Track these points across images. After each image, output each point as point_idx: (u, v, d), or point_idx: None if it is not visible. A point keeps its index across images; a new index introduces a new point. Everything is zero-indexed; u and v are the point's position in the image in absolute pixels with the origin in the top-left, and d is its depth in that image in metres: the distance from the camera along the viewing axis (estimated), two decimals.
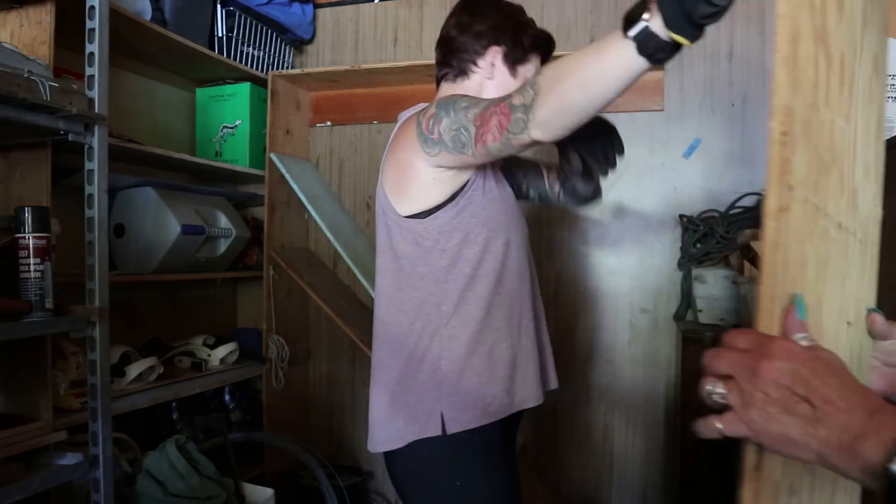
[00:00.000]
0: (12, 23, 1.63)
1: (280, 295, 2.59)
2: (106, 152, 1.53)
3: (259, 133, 2.59)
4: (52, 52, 1.61)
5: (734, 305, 2.19)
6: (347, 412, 2.83)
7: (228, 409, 2.55)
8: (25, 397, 1.56)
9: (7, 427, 1.44)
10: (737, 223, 2.22)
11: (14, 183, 1.60)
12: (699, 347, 2.17)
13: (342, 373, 2.84)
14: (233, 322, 2.90)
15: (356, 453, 2.82)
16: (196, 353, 2.39)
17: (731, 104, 2.39)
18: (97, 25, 1.48)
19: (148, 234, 2.12)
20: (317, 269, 2.70)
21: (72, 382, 1.73)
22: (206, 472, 1.78)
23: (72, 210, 1.66)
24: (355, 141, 2.78)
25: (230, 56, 2.48)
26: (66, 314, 1.45)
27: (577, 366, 2.55)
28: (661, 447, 2.48)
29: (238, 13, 2.48)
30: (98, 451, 1.50)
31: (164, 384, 2.12)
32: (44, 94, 1.34)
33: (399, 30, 2.75)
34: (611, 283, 2.52)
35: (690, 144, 2.43)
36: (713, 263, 2.24)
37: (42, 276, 1.40)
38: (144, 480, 1.70)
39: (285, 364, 2.55)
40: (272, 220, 2.54)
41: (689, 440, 2.19)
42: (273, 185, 2.53)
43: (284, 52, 2.76)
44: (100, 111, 1.49)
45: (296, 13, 2.70)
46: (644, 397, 2.49)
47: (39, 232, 1.41)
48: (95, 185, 1.51)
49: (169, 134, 2.57)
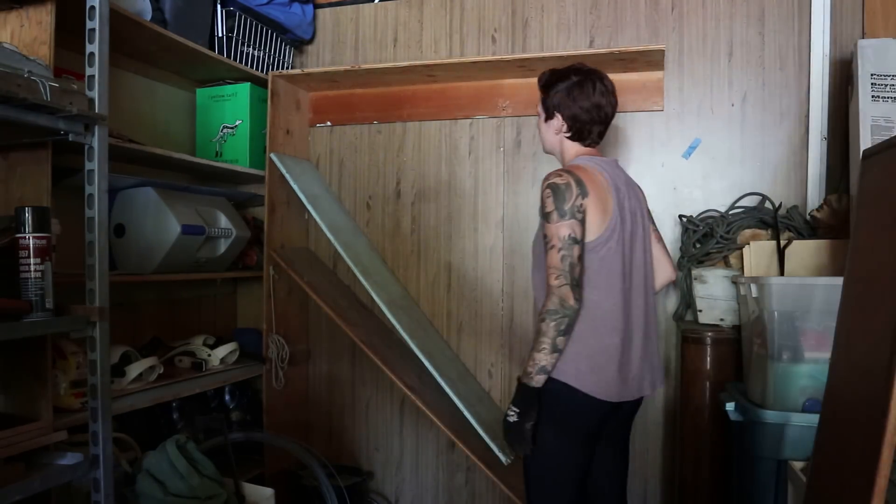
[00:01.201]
0: (12, 23, 1.63)
1: (280, 295, 2.59)
2: (106, 152, 1.53)
3: (259, 133, 2.60)
4: (52, 53, 1.61)
5: (734, 305, 2.19)
6: (347, 412, 2.83)
7: (228, 409, 2.55)
8: (26, 397, 1.56)
9: (7, 427, 1.44)
10: (737, 223, 2.22)
11: (14, 183, 1.60)
12: (699, 347, 2.18)
13: (342, 373, 2.84)
14: (233, 322, 2.90)
15: (356, 453, 2.82)
16: (196, 353, 2.39)
17: (731, 104, 2.40)
18: (97, 25, 1.48)
19: (148, 234, 2.12)
20: (317, 269, 2.70)
21: (72, 382, 1.73)
22: (206, 472, 1.77)
23: (72, 210, 1.66)
24: (355, 141, 2.78)
25: (230, 56, 2.48)
26: (67, 314, 1.45)
27: None
28: (661, 447, 2.48)
29: (238, 13, 2.48)
30: (98, 451, 1.50)
31: (165, 384, 2.12)
32: (44, 95, 1.35)
33: (399, 30, 2.75)
34: None
35: (690, 144, 2.43)
36: (713, 263, 2.25)
37: (42, 276, 1.40)
38: (144, 480, 1.70)
39: (285, 364, 2.55)
40: (272, 220, 2.54)
41: (689, 440, 2.19)
42: (273, 185, 2.53)
43: (284, 52, 2.76)
44: (100, 111, 1.49)
45: (296, 13, 2.70)
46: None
47: (40, 232, 1.41)
48: (95, 185, 1.51)
49: (169, 134, 2.57)
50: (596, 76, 1.74)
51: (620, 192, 1.69)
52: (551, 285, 1.56)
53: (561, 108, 1.75)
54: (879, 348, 1.14)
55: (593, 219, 1.61)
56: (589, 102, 1.72)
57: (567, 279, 1.55)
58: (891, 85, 1.95)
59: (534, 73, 2.47)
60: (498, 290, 2.63)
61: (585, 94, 1.72)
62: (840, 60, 2.28)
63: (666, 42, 2.42)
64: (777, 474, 1.79)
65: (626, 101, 2.47)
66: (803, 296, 1.84)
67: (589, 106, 1.72)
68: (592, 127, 1.75)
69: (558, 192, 1.59)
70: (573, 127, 1.75)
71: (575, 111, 1.73)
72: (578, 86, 1.72)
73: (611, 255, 1.63)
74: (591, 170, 1.67)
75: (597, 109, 1.73)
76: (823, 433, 1.40)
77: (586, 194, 1.60)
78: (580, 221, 1.58)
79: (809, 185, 2.31)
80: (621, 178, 1.74)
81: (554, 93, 1.76)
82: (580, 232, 1.58)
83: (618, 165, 1.80)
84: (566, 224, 1.57)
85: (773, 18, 2.36)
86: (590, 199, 1.60)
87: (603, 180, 1.66)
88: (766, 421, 1.78)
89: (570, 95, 1.73)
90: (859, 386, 1.23)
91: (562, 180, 1.60)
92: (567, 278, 1.55)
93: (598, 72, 1.76)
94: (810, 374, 1.80)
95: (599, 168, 1.69)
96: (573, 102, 1.72)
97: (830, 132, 2.29)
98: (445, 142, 2.68)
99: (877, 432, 1.08)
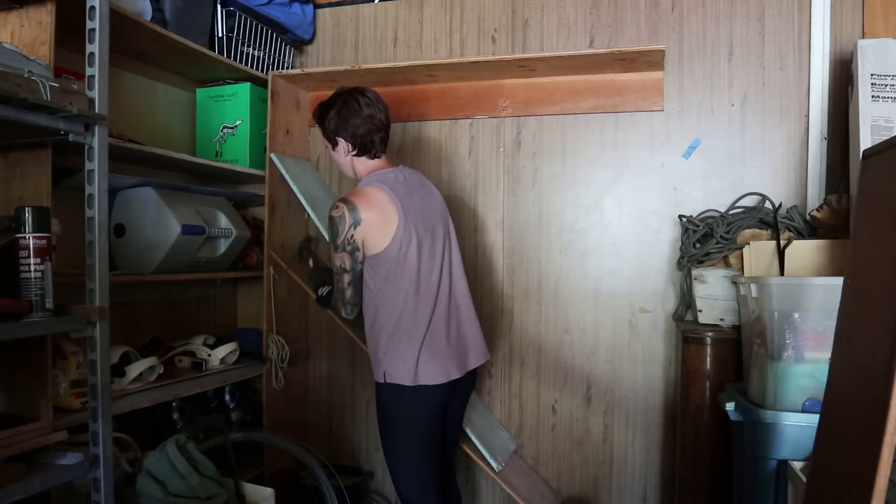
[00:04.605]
0: (13, 23, 1.63)
1: (280, 295, 2.59)
2: (106, 152, 1.53)
3: (259, 133, 2.60)
4: (52, 52, 1.61)
5: (734, 305, 2.19)
6: (347, 412, 2.84)
7: (228, 409, 2.55)
8: (26, 397, 1.56)
9: (7, 427, 1.44)
10: (737, 223, 2.22)
11: (14, 183, 1.60)
12: (699, 347, 2.18)
13: (342, 373, 2.84)
14: (233, 322, 2.90)
15: (356, 453, 2.82)
16: (196, 353, 2.39)
17: (731, 104, 2.40)
18: (97, 25, 1.48)
19: (148, 234, 2.12)
20: None
21: (72, 382, 1.73)
22: (206, 472, 1.77)
23: (72, 210, 1.66)
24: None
25: (230, 56, 2.48)
26: (67, 314, 1.45)
27: (577, 365, 2.55)
28: (661, 447, 2.48)
29: (238, 13, 2.48)
30: (98, 450, 1.50)
31: (165, 384, 2.12)
32: (44, 95, 1.35)
33: (399, 30, 2.75)
34: (611, 283, 2.52)
35: (690, 144, 2.43)
36: (713, 263, 2.24)
37: (42, 276, 1.40)
38: (144, 480, 1.70)
39: (285, 364, 2.55)
40: (272, 220, 2.54)
41: (689, 440, 2.19)
42: (273, 185, 2.53)
43: (284, 52, 2.76)
44: (100, 111, 1.49)
45: (296, 13, 2.70)
46: (644, 397, 2.49)
47: (40, 232, 1.40)
48: (95, 185, 1.51)
49: (169, 134, 2.57)
50: (357, 92, 1.93)
51: (406, 201, 1.88)
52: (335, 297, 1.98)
53: (339, 131, 1.93)
54: (879, 348, 1.14)
55: (376, 234, 1.84)
56: (359, 117, 1.91)
57: (342, 297, 1.93)
58: (891, 85, 1.95)
59: (534, 73, 2.49)
60: (498, 290, 2.63)
61: (353, 111, 1.91)
62: (840, 60, 2.28)
63: (666, 42, 2.42)
64: (777, 474, 1.79)
65: (626, 101, 2.47)
66: (803, 296, 1.84)
67: (361, 120, 1.90)
68: (373, 136, 1.93)
69: (333, 225, 1.84)
70: (356, 143, 1.93)
71: (351, 129, 1.92)
72: (345, 106, 1.91)
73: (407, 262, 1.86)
74: (371, 191, 1.87)
75: (370, 120, 1.91)
76: (823, 433, 1.40)
77: (358, 222, 1.82)
78: (350, 253, 1.85)
79: (809, 185, 2.31)
80: (405, 184, 1.93)
81: (328, 121, 1.94)
82: (350, 262, 1.87)
83: (412, 173, 2.00)
84: (338, 256, 1.87)
85: (773, 18, 2.36)
86: (364, 224, 1.82)
87: (384, 197, 1.86)
88: (766, 421, 1.78)
89: (341, 117, 1.92)
90: (859, 386, 1.23)
91: (337, 213, 1.83)
92: (342, 297, 1.93)
93: (358, 88, 1.97)
94: (810, 374, 1.80)
95: (381, 186, 1.88)
96: (346, 122, 1.91)
97: (830, 132, 2.29)
98: (445, 142, 2.68)
99: (877, 432, 1.08)
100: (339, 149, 1.97)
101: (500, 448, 2.42)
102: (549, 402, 2.59)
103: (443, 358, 1.90)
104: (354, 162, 1.97)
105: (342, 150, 1.96)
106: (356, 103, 1.91)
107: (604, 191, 2.53)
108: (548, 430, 2.60)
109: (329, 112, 1.94)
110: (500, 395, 2.64)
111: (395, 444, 1.90)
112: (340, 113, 1.92)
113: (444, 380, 1.88)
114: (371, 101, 1.93)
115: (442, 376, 1.88)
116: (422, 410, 1.88)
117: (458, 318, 1.99)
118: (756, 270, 2.13)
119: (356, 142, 1.93)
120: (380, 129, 1.94)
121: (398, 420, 1.88)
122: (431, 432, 1.93)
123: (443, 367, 1.89)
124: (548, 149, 2.58)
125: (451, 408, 2.03)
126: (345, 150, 1.95)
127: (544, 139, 2.58)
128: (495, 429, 2.56)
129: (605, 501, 2.54)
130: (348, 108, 1.91)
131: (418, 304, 1.88)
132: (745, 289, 2.00)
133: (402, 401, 1.87)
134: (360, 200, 1.84)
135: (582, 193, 2.55)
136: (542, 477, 2.59)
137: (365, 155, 1.96)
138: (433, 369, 1.86)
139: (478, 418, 2.43)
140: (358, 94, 1.92)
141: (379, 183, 1.89)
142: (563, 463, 2.59)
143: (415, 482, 1.92)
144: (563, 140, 2.56)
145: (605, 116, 2.51)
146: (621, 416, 2.52)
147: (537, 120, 2.58)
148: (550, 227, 2.58)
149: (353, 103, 1.91)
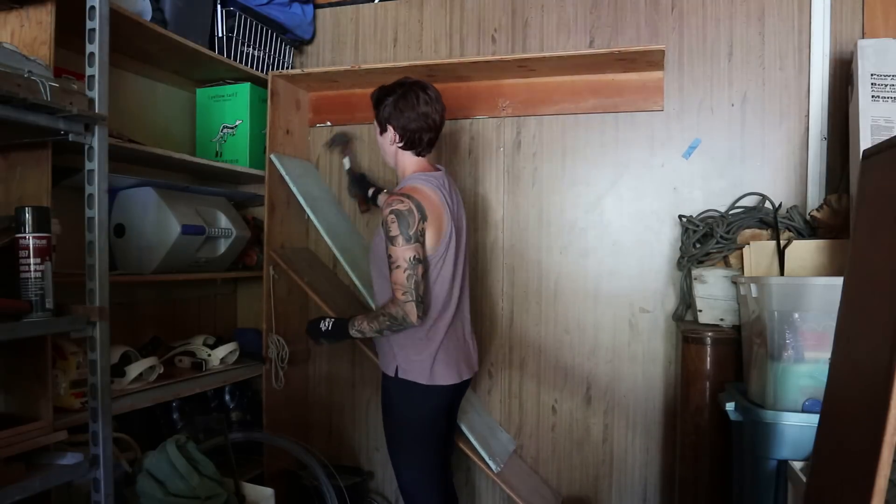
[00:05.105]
0: (13, 23, 1.63)
1: (280, 295, 2.59)
2: (106, 152, 1.53)
3: (259, 133, 2.59)
4: (52, 52, 1.61)
5: (734, 305, 2.19)
6: (347, 412, 2.83)
7: (228, 409, 2.55)
8: (26, 397, 1.56)
9: (7, 427, 1.44)
10: (737, 223, 2.22)
11: (14, 183, 1.60)
12: (699, 347, 2.18)
13: (342, 373, 2.84)
14: (233, 322, 2.90)
15: (356, 453, 2.82)
16: (196, 353, 2.39)
17: (731, 104, 2.40)
18: (97, 25, 1.48)
19: (148, 234, 2.12)
20: (317, 269, 2.70)
21: (72, 382, 1.73)
22: (206, 471, 1.77)
23: (72, 210, 1.66)
24: (355, 141, 2.78)
25: (230, 56, 2.48)
26: (67, 314, 1.45)
27: (577, 365, 2.55)
28: (661, 447, 2.48)
29: (238, 13, 2.48)
30: (98, 451, 1.50)
31: (164, 384, 2.12)
32: (44, 95, 1.34)
33: (399, 30, 2.75)
34: (611, 283, 2.52)
35: (690, 144, 2.43)
36: (713, 263, 2.24)
37: (42, 276, 1.40)
38: (144, 480, 1.70)
39: (285, 364, 2.55)
40: (272, 221, 2.54)
41: (689, 440, 2.19)
42: (273, 185, 2.53)
43: (284, 52, 2.76)
44: (100, 111, 1.49)
45: (296, 13, 2.70)
46: (644, 397, 2.49)
47: (40, 232, 1.40)
48: (95, 185, 1.51)
49: (169, 134, 2.57)
50: (419, 87, 1.91)
51: (450, 206, 1.90)
52: (398, 299, 1.78)
53: (391, 119, 1.91)
54: (879, 348, 1.14)
55: (432, 234, 1.83)
56: (415, 112, 1.89)
57: (412, 296, 1.77)
58: (891, 85, 1.95)
59: (534, 73, 2.49)
60: (498, 290, 2.63)
61: (410, 105, 1.89)
62: (840, 60, 2.28)
63: (666, 42, 2.42)
64: (777, 474, 1.79)
65: (626, 101, 2.47)
66: (803, 296, 1.84)
67: (415, 115, 1.86)
68: (423, 135, 1.90)
69: (401, 218, 1.77)
70: (405, 136, 1.91)
71: (403, 121, 1.89)
72: (403, 97, 1.89)
73: (444, 266, 1.86)
74: (427, 191, 1.86)
75: (424, 118, 1.90)
76: (823, 433, 1.40)
77: (425, 218, 1.80)
78: (422, 244, 1.80)
79: (809, 185, 2.31)
80: (447, 189, 1.94)
81: (383, 107, 1.92)
82: (422, 253, 1.80)
83: (446, 175, 1.98)
84: (411, 247, 1.78)
85: (773, 18, 2.36)
86: (427, 220, 1.81)
87: (437, 199, 1.86)
88: (766, 421, 1.78)
89: (396, 107, 1.90)
90: (859, 386, 1.23)
91: (403, 206, 1.78)
92: (412, 295, 1.77)
93: (422, 82, 1.92)
94: (810, 374, 1.80)
95: (432, 186, 1.88)
96: (401, 113, 1.89)
97: (830, 132, 2.29)
98: (445, 142, 2.68)
99: (877, 432, 1.08)
100: (386, 136, 1.96)
101: (499, 449, 2.42)
102: (549, 402, 2.59)
103: (456, 359, 1.93)
104: (399, 153, 1.96)
105: (389, 139, 1.95)
106: (415, 98, 1.89)
107: (604, 191, 2.53)
108: (548, 430, 2.60)
109: (387, 98, 1.92)
110: (500, 395, 2.64)
111: (403, 440, 1.91)
112: (397, 103, 1.90)
113: (456, 380, 1.91)
114: (430, 99, 1.91)
115: (455, 377, 1.91)
116: (432, 409, 1.90)
117: (463, 320, 2.02)
118: (756, 270, 2.13)
119: (405, 135, 1.91)
120: (431, 129, 1.92)
121: (408, 417, 1.90)
122: (439, 430, 1.95)
123: (456, 368, 1.92)
124: (548, 149, 2.58)
125: (452, 406, 2.04)
126: (392, 139, 1.94)
127: (544, 139, 2.58)
128: (494, 430, 2.56)
129: (605, 501, 2.54)
130: (406, 100, 1.89)
131: (444, 309, 1.90)
132: (745, 289, 2.00)
133: (412, 398, 1.88)
134: (422, 198, 1.82)
135: (582, 193, 2.55)
136: (542, 477, 2.59)
137: (411, 150, 1.94)
138: (448, 370, 1.89)
139: (477, 419, 2.43)
140: (419, 90, 1.90)
141: (432, 185, 1.89)
142: (562, 463, 2.59)
143: (420, 478, 1.94)
144: (562, 140, 2.56)
145: (605, 116, 2.51)
146: (621, 416, 2.52)
147: (537, 120, 2.58)
148: (550, 226, 2.58)
149: (412, 97, 1.89)
